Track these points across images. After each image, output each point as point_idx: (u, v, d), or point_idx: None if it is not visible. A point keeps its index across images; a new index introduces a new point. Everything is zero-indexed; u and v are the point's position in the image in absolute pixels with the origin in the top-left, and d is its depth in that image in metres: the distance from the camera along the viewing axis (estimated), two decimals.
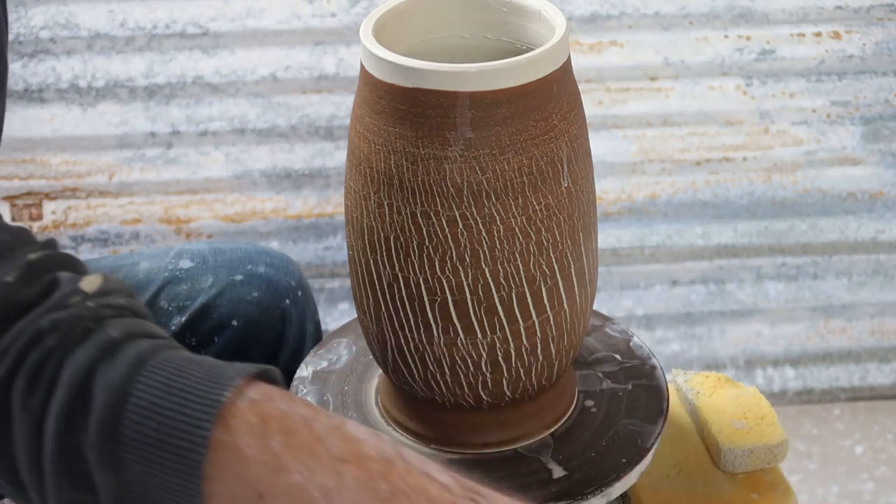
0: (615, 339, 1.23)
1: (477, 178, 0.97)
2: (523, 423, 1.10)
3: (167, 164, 1.91)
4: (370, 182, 1.01)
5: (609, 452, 1.09)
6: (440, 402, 1.08)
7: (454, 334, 1.02)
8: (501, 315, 1.02)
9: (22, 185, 1.91)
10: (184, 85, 1.88)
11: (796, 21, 1.89)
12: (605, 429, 1.12)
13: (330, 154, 1.92)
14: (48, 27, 1.84)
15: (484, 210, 0.98)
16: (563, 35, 0.99)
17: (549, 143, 0.99)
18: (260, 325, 1.32)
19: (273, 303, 1.32)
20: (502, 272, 1.00)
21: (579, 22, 1.87)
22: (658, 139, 1.93)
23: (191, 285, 1.31)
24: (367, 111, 1.00)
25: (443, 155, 0.97)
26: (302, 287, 1.36)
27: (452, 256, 0.99)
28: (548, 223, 1.00)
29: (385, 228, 1.01)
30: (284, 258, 1.37)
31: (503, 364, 1.04)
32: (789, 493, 1.15)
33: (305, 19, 1.86)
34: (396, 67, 0.97)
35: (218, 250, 1.34)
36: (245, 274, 1.32)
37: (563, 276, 1.02)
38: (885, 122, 1.93)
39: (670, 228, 1.98)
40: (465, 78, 0.95)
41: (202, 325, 1.30)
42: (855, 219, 1.98)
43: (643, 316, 2.02)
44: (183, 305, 1.30)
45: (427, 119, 0.97)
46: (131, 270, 1.32)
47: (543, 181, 0.99)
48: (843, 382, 2.05)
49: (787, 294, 2.01)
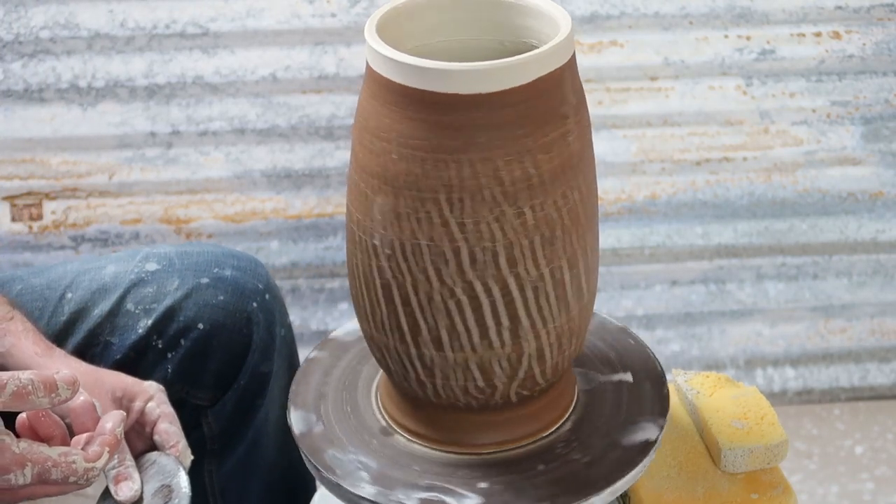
0: (614, 337, 1.23)
1: (479, 179, 0.97)
2: (524, 423, 1.10)
3: (167, 164, 1.91)
4: (372, 181, 1.01)
5: (609, 452, 1.09)
6: (438, 402, 1.07)
7: (456, 336, 1.02)
8: (504, 316, 1.02)
9: (22, 185, 1.91)
10: (184, 85, 1.88)
11: (796, 21, 1.89)
12: (605, 428, 1.12)
13: (330, 154, 1.91)
14: (48, 27, 1.84)
15: (487, 211, 0.98)
16: (569, 32, 0.99)
17: (556, 142, 0.99)
18: (226, 328, 1.31)
19: (239, 306, 1.32)
20: (506, 272, 1.00)
21: (579, 22, 1.87)
22: (658, 139, 1.93)
23: (157, 288, 1.31)
24: (371, 110, 1.00)
25: (450, 156, 0.97)
26: (270, 290, 1.35)
27: (456, 257, 0.99)
28: (552, 223, 1.00)
29: (388, 228, 1.01)
30: (252, 261, 1.36)
31: (504, 364, 1.04)
32: (789, 493, 1.15)
33: (305, 19, 1.86)
34: (404, 66, 0.97)
35: (184, 253, 1.34)
36: (211, 277, 1.32)
37: (567, 275, 1.02)
38: (885, 122, 1.93)
39: (670, 228, 1.98)
40: (472, 77, 0.95)
41: (168, 328, 1.30)
42: (855, 219, 1.98)
43: (643, 316, 2.02)
44: (149, 308, 1.30)
45: (433, 119, 0.97)
46: (98, 274, 1.32)
47: (551, 181, 0.99)
48: (843, 382, 2.05)
49: (787, 294, 2.01)
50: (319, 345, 1.23)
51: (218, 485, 1.38)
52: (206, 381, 1.32)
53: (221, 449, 1.36)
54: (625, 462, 1.08)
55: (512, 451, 1.10)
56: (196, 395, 1.33)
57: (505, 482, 1.06)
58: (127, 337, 1.30)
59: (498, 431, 1.09)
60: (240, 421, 1.35)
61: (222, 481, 1.38)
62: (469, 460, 1.09)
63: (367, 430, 1.12)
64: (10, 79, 1.85)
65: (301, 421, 1.13)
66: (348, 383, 1.17)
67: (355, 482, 1.06)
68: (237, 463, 1.37)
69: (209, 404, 1.34)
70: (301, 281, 1.97)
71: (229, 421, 1.35)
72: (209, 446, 1.36)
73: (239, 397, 1.34)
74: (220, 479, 1.38)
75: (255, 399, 1.35)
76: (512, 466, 1.08)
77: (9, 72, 1.85)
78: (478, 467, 1.08)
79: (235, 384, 1.33)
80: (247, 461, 1.37)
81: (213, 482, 1.38)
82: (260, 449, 1.37)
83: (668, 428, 1.16)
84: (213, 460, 1.37)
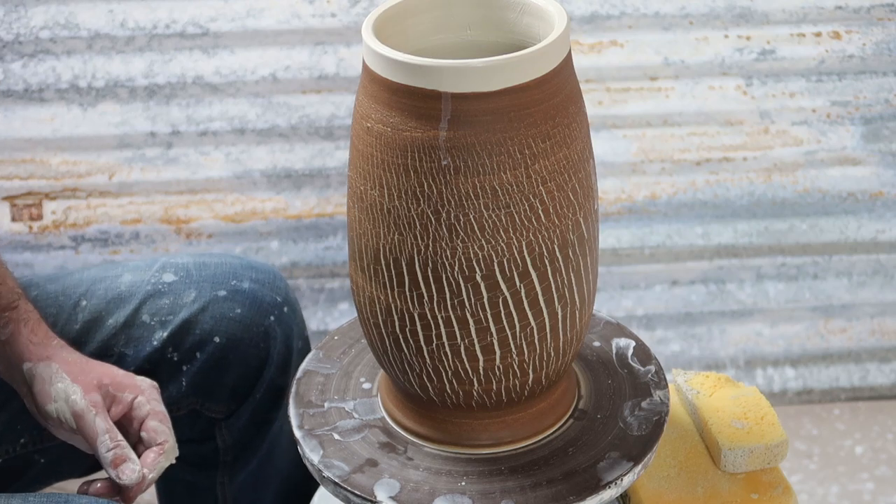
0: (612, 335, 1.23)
1: (475, 178, 0.97)
2: (525, 424, 1.10)
3: (167, 164, 1.91)
4: (373, 180, 1.01)
5: (610, 452, 1.09)
6: (439, 402, 1.07)
7: (454, 334, 1.02)
8: (503, 316, 1.02)
9: (22, 185, 1.91)
10: (184, 85, 1.88)
11: (796, 21, 1.89)
12: (605, 428, 1.12)
13: (330, 154, 1.91)
14: (48, 27, 1.84)
15: (483, 211, 0.98)
16: (563, 31, 0.99)
17: (554, 142, 0.99)
18: (243, 342, 1.30)
19: (257, 320, 1.31)
20: (506, 273, 1.00)
21: (579, 22, 1.87)
22: (658, 139, 1.93)
23: (173, 300, 1.29)
24: (368, 108, 1.00)
25: (445, 156, 0.97)
26: (289, 303, 1.34)
27: (452, 258, 0.99)
28: (553, 221, 1.00)
29: (386, 225, 1.01)
30: (271, 273, 1.35)
31: (506, 365, 1.04)
32: (789, 493, 1.15)
33: (305, 19, 1.86)
34: (397, 64, 0.97)
35: (203, 264, 1.32)
36: (229, 289, 1.30)
37: (567, 276, 1.02)
38: (885, 122, 1.93)
39: (670, 228, 1.98)
40: (465, 75, 0.95)
41: (184, 341, 1.29)
42: (855, 219, 1.98)
43: (643, 316, 2.02)
44: (165, 320, 1.28)
45: (427, 117, 0.97)
46: (114, 283, 1.30)
47: (549, 181, 0.99)
48: (843, 382, 2.05)
49: (787, 294, 2.01)
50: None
51: (230, 497, 1.37)
52: (222, 395, 1.31)
53: (234, 461, 1.35)
54: (626, 462, 1.08)
55: (514, 451, 1.10)
56: (211, 407, 1.32)
57: (507, 482, 1.06)
58: (142, 349, 1.28)
59: (498, 431, 1.09)
60: (254, 433, 1.34)
61: (235, 493, 1.37)
62: (473, 459, 1.09)
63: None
64: (10, 79, 1.85)
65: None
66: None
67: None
68: (250, 475, 1.36)
69: (224, 417, 1.33)
70: (301, 281, 1.97)
71: (243, 433, 1.34)
72: (222, 458, 1.35)
73: (254, 410, 1.33)
74: (233, 491, 1.37)
75: (270, 412, 1.33)
76: (514, 465, 1.08)
77: (9, 72, 1.85)
78: (484, 465, 1.08)
79: (251, 397, 1.32)
80: (260, 474, 1.36)
81: (226, 494, 1.37)
82: (273, 461, 1.36)
83: (668, 428, 1.16)
84: (226, 472, 1.36)
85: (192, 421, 1.30)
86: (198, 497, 1.38)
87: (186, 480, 1.38)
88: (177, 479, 1.38)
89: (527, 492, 1.05)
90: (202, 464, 1.36)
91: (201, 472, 1.36)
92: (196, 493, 1.38)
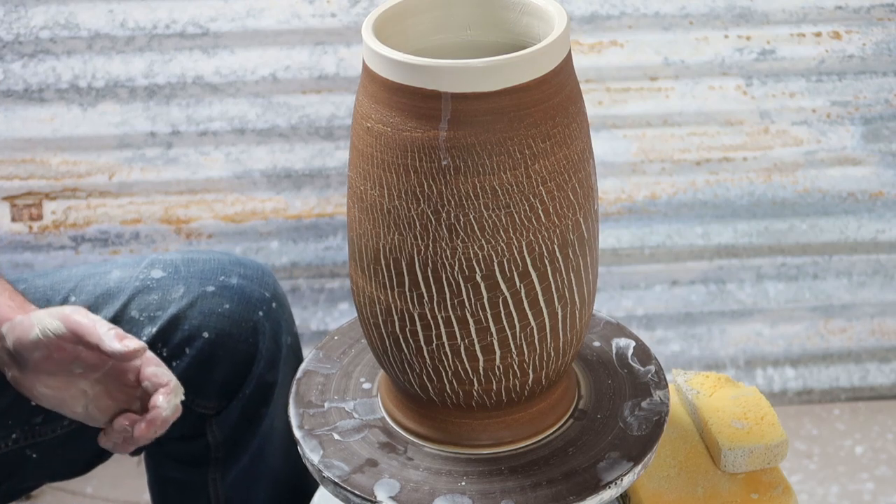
0: (612, 334, 1.23)
1: (474, 178, 0.97)
2: (525, 424, 1.10)
3: (167, 164, 1.91)
4: (373, 180, 1.01)
5: (610, 452, 1.09)
6: (439, 402, 1.07)
7: (454, 334, 1.02)
8: (503, 316, 1.02)
9: (22, 185, 1.91)
10: (184, 85, 1.88)
11: (796, 21, 1.89)
12: (605, 428, 1.12)
13: (330, 154, 1.91)
14: (48, 27, 1.84)
15: (483, 211, 0.98)
16: (563, 31, 0.99)
17: (553, 142, 0.99)
18: (232, 337, 1.30)
19: (245, 315, 1.31)
20: (505, 274, 1.00)
21: (579, 22, 1.87)
22: (658, 139, 1.93)
23: (161, 295, 1.30)
24: (368, 108, 1.00)
25: (444, 156, 0.97)
26: (277, 298, 1.34)
27: (453, 258, 0.99)
28: (553, 221, 1.00)
29: (386, 225, 1.01)
30: (259, 269, 1.35)
31: (506, 365, 1.04)
32: (789, 493, 1.15)
33: (305, 19, 1.86)
34: (397, 64, 0.97)
35: (190, 260, 1.33)
36: (217, 285, 1.31)
37: (568, 277, 1.02)
38: (885, 122, 1.93)
39: (670, 228, 1.98)
40: (464, 74, 0.95)
41: (173, 337, 1.29)
42: (855, 219, 1.98)
43: (643, 316, 2.02)
44: (153, 316, 1.29)
45: (427, 114, 0.97)
46: (102, 279, 1.31)
47: (549, 181, 0.99)
48: (843, 382, 2.05)
49: (787, 294, 2.01)
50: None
51: (222, 493, 1.37)
52: (211, 390, 1.32)
53: (226, 457, 1.35)
54: (626, 462, 1.08)
55: (515, 450, 1.10)
56: (201, 403, 1.32)
57: (508, 482, 1.06)
58: None
59: (498, 431, 1.09)
60: (245, 429, 1.34)
61: (227, 490, 1.37)
62: (469, 459, 1.09)
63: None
64: (10, 79, 1.85)
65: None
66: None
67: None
68: (242, 471, 1.36)
69: (214, 413, 1.33)
70: (301, 281, 1.97)
71: (234, 430, 1.34)
72: (213, 455, 1.35)
73: (244, 406, 1.33)
74: (225, 488, 1.37)
75: (261, 408, 1.34)
76: (515, 465, 1.08)
77: (9, 72, 1.85)
78: (484, 465, 1.08)
79: (241, 393, 1.32)
80: (252, 470, 1.36)
81: (218, 491, 1.37)
82: (265, 457, 1.36)
83: (668, 428, 1.16)
84: (218, 469, 1.36)
85: (183, 417, 1.30)
86: (190, 495, 1.38)
87: (178, 479, 1.38)
88: (169, 477, 1.38)
89: (527, 492, 1.05)
90: (194, 461, 1.36)
91: (193, 469, 1.37)
92: (188, 491, 1.38)
